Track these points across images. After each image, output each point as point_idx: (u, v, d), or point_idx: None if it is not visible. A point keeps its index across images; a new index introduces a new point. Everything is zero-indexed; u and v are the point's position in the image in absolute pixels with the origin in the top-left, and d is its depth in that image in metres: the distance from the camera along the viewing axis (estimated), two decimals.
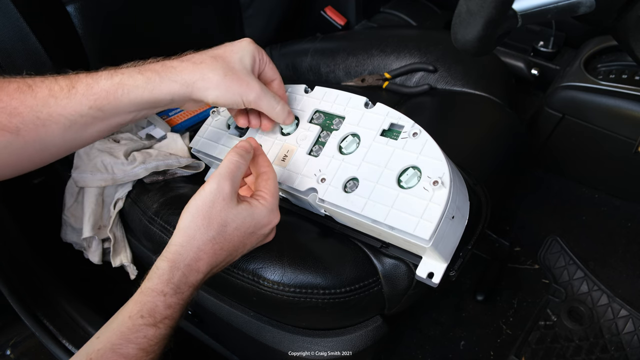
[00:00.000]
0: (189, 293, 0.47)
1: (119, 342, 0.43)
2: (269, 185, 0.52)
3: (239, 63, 0.54)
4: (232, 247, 0.50)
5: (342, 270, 0.59)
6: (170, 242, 0.48)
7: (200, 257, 0.47)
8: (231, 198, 0.49)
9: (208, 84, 0.52)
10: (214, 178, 0.49)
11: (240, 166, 0.50)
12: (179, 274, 0.46)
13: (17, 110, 0.48)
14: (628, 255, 1.05)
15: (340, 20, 1.21)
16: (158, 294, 0.45)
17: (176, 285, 0.46)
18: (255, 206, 0.51)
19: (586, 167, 1.14)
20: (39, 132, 0.49)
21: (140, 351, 0.43)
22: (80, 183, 0.74)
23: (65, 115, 0.49)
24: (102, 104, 0.50)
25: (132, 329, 0.44)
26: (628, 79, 0.94)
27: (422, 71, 0.89)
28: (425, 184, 0.49)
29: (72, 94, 0.50)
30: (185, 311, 0.48)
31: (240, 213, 0.49)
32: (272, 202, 0.52)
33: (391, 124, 0.55)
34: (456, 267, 0.55)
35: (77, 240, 0.81)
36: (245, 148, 0.52)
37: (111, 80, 0.51)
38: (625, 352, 0.90)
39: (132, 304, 0.45)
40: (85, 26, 0.78)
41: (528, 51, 1.16)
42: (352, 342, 0.65)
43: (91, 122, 0.51)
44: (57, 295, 0.83)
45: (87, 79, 0.51)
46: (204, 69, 0.52)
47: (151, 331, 0.44)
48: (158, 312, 0.45)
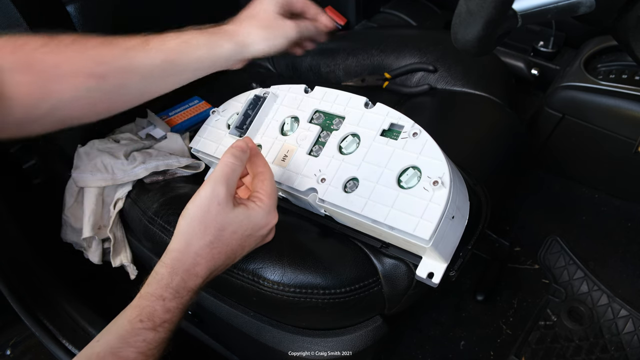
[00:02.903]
0: (188, 297, 0.47)
1: (119, 346, 0.43)
2: (265, 186, 0.52)
3: (270, 13, 0.64)
4: (230, 251, 0.50)
5: (342, 270, 0.59)
6: (169, 248, 0.48)
7: (198, 262, 0.47)
8: (227, 202, 0.48)
9: (255, 40, 0.63)
10: (208, 183, 0.49)
11: (235, 168, 0.50)
12: (177, 279, 0.46)
13: (103, 59, 0.55)
14: (628, 255, 1.05)
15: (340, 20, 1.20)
16: (157, 298, 0.45)
17: (175, 290, 0.46)
18: (252, 208, 0.50)
19: (586, 167, 1.14)
20: (121, 78, 0.56)
21: (140, 355, 0.44)
22: (80, 183, 0.74)
23: (142, 66, 0.57)
24: (173, 58, 0.58)
25: (131, 332, 0.44)
26: (628, 79, 0.94)
27: (422, 71, 0.89)
28: (425, 184, 0.49)
29: (146, 49, 0.57)
30: (184, 316, 0.48)
31: (237, 216, 0.49)
32: (268, 203, 0.51)
33: (391, 124, 0.55)
34: (456, 267, 0.55)
35: (77, 240, 0.81)
36: (241, 148, 0.52)
37: (178, 39, 0.59)
38: (625, 352, 0.90)
39: (131, 309, 0.45)
40: (85, 26, 0.78)
41: (528, 51, 1.16)
42: (352, 342, 0.65)
43: (164, 74, 0.59)
44: (57, 295, 0.83)
45: (158, 38, 0.58)
46: (247, 28, 0.63)
47: (150, 335, 0.44)
48: (157, 316, 0.45)
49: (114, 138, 0.79)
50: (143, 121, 0.86)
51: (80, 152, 0.75)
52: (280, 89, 0.65)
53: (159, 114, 0.87)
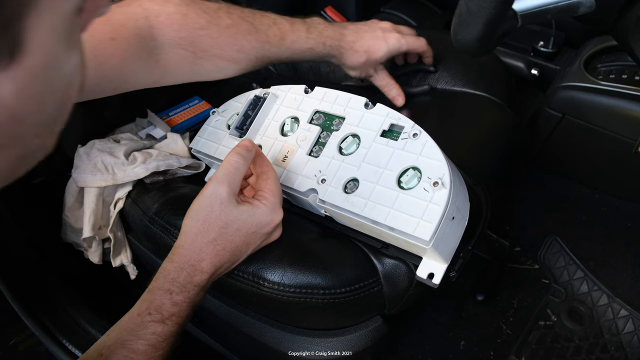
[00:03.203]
0: (194, 292, 0.48)
1: (129, 339, 0.44)
2: (269, 185, 0.53)
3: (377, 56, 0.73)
4: (235, 247, 0.51)
5: (342, 271, 0.59)
6: (175, 245, 0.50)
7: (203, 258, 0.49)
8: (229, 201, 0.50)
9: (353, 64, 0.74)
10: (211, 182, 0.50)
11: (239, 166, 0.51)
12: (184, 274, 0.48)
13: (244, 48, 0.64)
14: (628, 255, 1.05)
15: (340, 20, 1.21)
16: (165, 292, 0.47)
17: (182, 284, 0.47)
18: (257, 206, 0.51)
19: (586, 167, 1.14)
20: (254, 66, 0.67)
21: (149, 347, 0.45)
22: (81, 183, 0.74)
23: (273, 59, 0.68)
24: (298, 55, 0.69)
25: (140, 325, 0.45)
26: (628, 79, 0.94)
27: (422, 71, 0.89)
28: (425, 185, 0.49)
29: (281, 44, 0.66)
30: (192, 311, 0.49)
31: (241, 214, 0.50)
32: (273, 200, 0.52)
33: (391, 124, 0.55)
34: (456, 267, 0.55)
35: (77, 240, 0.81)
36: (247, 147, 0.53)
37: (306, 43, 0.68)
38: (625, 352, 0.90)
39: (140, 303, 0.47)
40: None
41: (528, 51, 1.16)
42: (352, 342, 0.65)
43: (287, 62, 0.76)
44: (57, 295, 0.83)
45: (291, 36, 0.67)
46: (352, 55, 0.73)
47: (159, 328, 0.45)
48: (165, 310, 0.46)
49: (114, 138, 0.78)
50: (143, 121, 0.86)
51: (81, 152, 0.75)
52: (281, 90, 0.65)
53: (159, 114, 0.87)
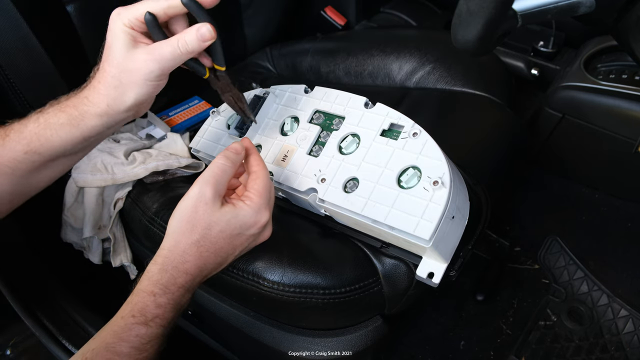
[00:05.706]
0: (179, 294, 0.48)
1: (113, 341, 0.44)
2: (256, 185, 0.52)
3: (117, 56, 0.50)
4: (219, 249, 0.50)
5: (342, 270, 0.59)
6: (160, 247, 0.50)
7: (187, 260, 0.48)
8: (214, 202, 0.49)
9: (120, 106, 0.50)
10: (197, 183, 0.50)
11: (225, 169, 0.51)
12: (167, 275, 0.48)
13: None
14: (628, 255, 1.05)
15: (340, 20, 1.21)
16: (148, 294, 0.46)
17: (164, 285, 0.47)
18: (240, 207, 0.51)
19: (586, 167, 1.14)
20: None
21: (133, 349, 0.44)
22: (80, 183, 0.74)
23: (3, 163, 0.51)
24: (36, 147, 0.51)
25: (124, 328, 0.45)
26: (628, 79, 0.94)
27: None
28: (425, 184, 0.49)
29: (6, 141, 0.51)
30: (178, 314, 0.49)
31: (224, 215, 0.49)
32: (258, 202, 0.51)
33: (391, 124, 0.55)
34: (456, 267, 0.55)
35: (77, 240, 0.81)
36: (235, 150, 0.53)
37: (37, 122, 0.51)
38: (625, 352, 0.90)
39: (124, 305, 0.47)
40: (85, 26, 0.78)
41: (528, 51, 1.16)
42: (352, 342, 0.65)
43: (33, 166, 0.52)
44: (57, 295, 0.82)
45: (17, 125, 0.51)
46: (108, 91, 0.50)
47: (143, 330, 0.45)
48: (148, 311, 0.46)
49: (114, 138, 0.78)
50: (143, 121, 0.86)
51: None
52: (280, 89, 0.65)
53: (159, 114, 0.87)
